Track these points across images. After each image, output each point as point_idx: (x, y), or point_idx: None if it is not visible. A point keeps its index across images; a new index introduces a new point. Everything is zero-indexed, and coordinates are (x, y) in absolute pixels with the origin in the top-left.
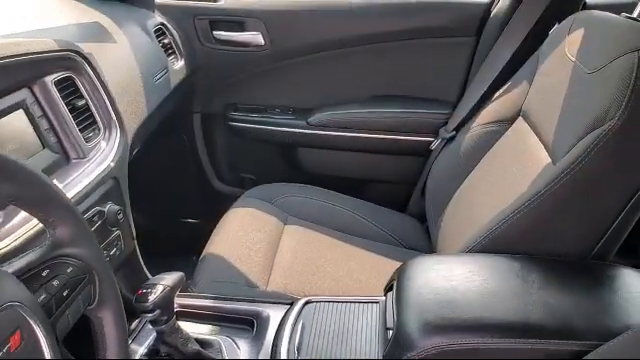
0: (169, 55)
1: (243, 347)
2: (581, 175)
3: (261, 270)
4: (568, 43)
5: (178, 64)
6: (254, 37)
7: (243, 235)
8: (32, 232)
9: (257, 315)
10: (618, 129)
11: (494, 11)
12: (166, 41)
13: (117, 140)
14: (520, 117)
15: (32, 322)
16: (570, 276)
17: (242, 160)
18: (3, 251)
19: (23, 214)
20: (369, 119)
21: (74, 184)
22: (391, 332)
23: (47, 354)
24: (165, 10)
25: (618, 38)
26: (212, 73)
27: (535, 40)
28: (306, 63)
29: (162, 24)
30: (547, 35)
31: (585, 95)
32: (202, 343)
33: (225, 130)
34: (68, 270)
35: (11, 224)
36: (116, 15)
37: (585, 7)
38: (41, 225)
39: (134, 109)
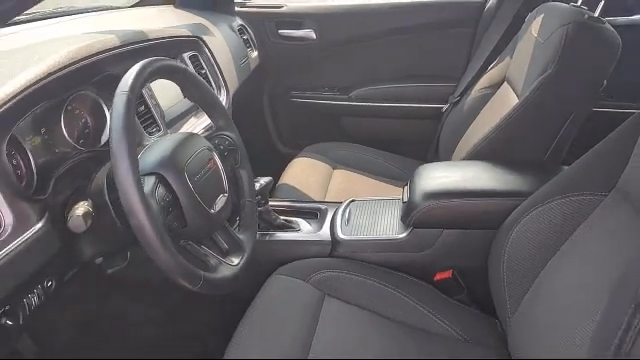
0: (247, 47)
1: (313, 224)
2: (532, 105)
3: (319, 192)
4: (534, 25)
5: (254, 54)
6: (308, 33)
7: (303, 178)
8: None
9: (319, 209)
10: (553, 74)
11: (486, 7)
12: (245, 37)
13: (224, 98)
14: (505, 82)
15: (216, 157)
16: (524, 168)
17: (299, 128)
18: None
19: None
20: (395, 92)
21: (205, 119)
22: (404, 202)
23: (223, 176)
24: (243, 15)
25: (559, 17)
26: (277, 62)
27: (515, 26)
28: (347, 52)
29: (242, 25)
30: (524, 22)
31: (538, 57)
32: (286, 222)
33: (287, 105)
34: (226, 142)
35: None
36: (210, 18)
37: None
38: None
39: (231, 80)
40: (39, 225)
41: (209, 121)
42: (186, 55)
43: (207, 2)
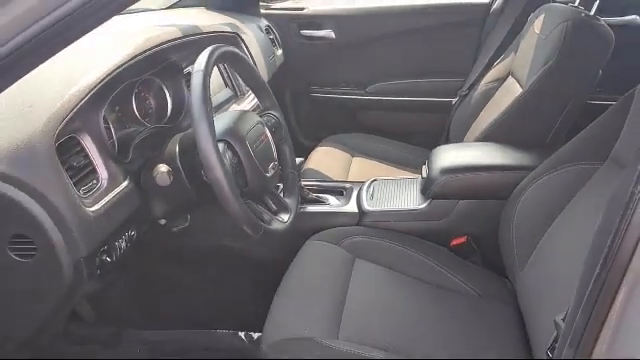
0: (273, 46)
1: (340, 199)
2: (536, 93)
3: (341, 176)
4: (537, 24)
5: (279, 52)
6: (328, 33)
7: (325, 164)
8: None
9: (344, 187)
10: (554, 66)
11: (492, 8)
12: (271, 37)
13: None
14: (510, 75)
15: (267, 131)
16: (528, 147)
17: (319, 121)
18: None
19: None
20: (408, 87)
21: (244, 106)
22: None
23: (273, 148)
24: (268, 17)
25: (559, 16)
26: (299, 59)
27: (519, 26)
28: (363, 50)
29: (268, 25)
30: (527, 21)
31: (540, 51)
32: (317, 197)
33: (307, 100)
34: (272, 121)
35: None
36: (240, 19)
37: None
38: None
39: (262, 74)
40: (125, 183)
41: (248, 107)
42: None
43: (236, 5)
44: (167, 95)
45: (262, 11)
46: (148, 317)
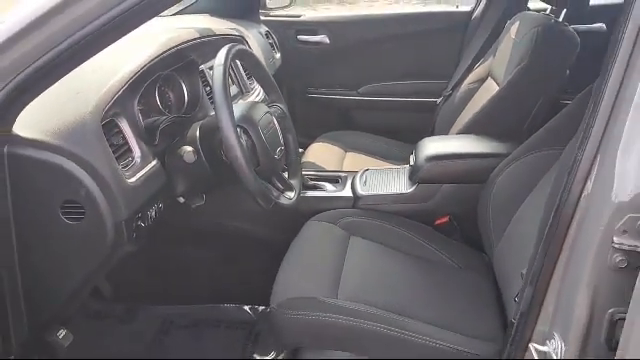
0: (272, 50)
1: (336, 186)
2: (510, 90)
3: (336, 168)
4: (512, 30)
5: (277, 56)
6: (322, 39)
7: (320, 158)
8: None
9: (340, 176)
10: (527, 65)
11: (473, 16)
12: (270, 41)
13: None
14: (489, 76)
15: (275, 120)
16: (504, 138)
17: (314, 120)
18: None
19: None
20: (396, 88)
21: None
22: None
23: (280, 134)
24: (267, 23)
25: (532, 22)
26: (296, 63)
27: (497, 32)
28: (356, 54)
29: (267, 30)
30: (504, 27)
31: (515, 53)
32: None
33: (303, 100)
34: (278, 112)
35: None
36: (243, 24)
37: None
38: None
39: None
40: (153, 162)
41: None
42: None
43: (238, 12)
44: (184, 89)
45: (262, 18)
46: (161, 293)
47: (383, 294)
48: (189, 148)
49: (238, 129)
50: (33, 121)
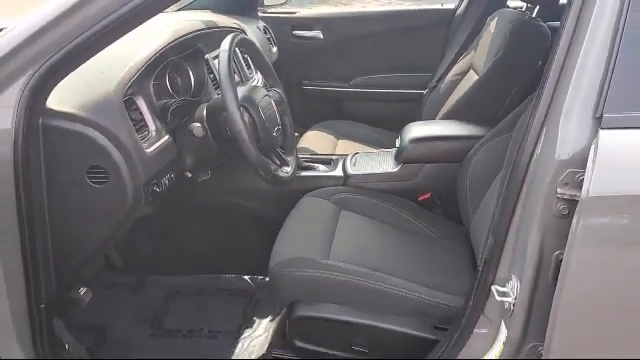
0: (269, 44)
1: (328, 167)
2: (488, 78)
3: (329, 150)
4: (492, 25)
5: (274, 49)
6: (317, 34)
7: (314, 145)
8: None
9: (331, 159)
10: (501, 58)
11: (457, 13)
12: (267, 36)
13: (260, 77)
14: (471, 69)
15: (272, 102)
16: (480, 122)
17: (309, 110)
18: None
19: None
20: (385, 81)
21: None
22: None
23: (277, 115)
24: (265, 19)
25: (508, 17)
26: (292, 56)
27: (478, 28)
28: (348, 49)
29: (265, 26)
30: (485, 23)
31: (493, 45)
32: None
33: (298, 92)
34: (276, 96)
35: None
36: (242, 20)
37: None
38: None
39: None
40: (166, 137)
41: None
42: None
43: (237, 9)
44: (191, 75)
45: (260, 14)
46: (168, 265)
47: (370, 256)
48: (198, 124)
49: (241, 108)
50: (64, 97)
